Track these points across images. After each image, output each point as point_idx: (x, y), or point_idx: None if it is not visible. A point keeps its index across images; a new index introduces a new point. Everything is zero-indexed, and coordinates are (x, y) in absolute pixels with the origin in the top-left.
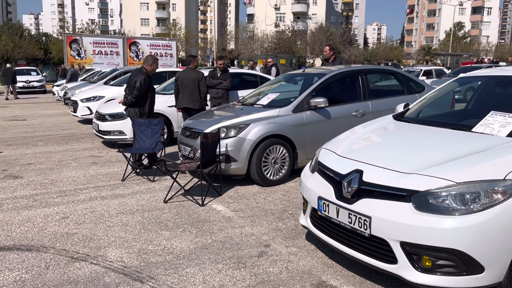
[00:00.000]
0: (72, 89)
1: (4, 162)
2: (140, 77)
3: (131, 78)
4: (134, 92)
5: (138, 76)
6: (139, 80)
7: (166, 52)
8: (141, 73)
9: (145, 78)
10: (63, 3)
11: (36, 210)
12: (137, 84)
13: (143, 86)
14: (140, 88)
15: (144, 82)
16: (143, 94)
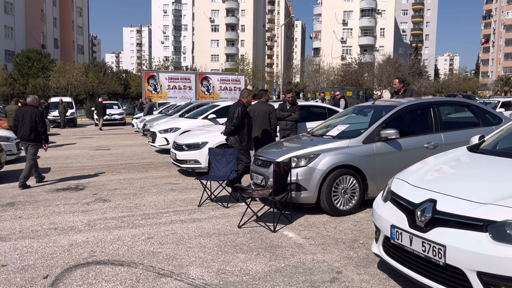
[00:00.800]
0: (150, 121)
1: (94, 187)
2: (238, 108)
3: (231, 110)
4: (232, 121)
5: (236, 107)
6: (237, 110)
7: (235, 86)
8: (239, 104)
9: (242, 108)
10: (141, 43)
11: (125, 230)
12: (235, 114)
13: (241, 116)
14: (238, 118)
15: (241, 112)
16: (241, 123)
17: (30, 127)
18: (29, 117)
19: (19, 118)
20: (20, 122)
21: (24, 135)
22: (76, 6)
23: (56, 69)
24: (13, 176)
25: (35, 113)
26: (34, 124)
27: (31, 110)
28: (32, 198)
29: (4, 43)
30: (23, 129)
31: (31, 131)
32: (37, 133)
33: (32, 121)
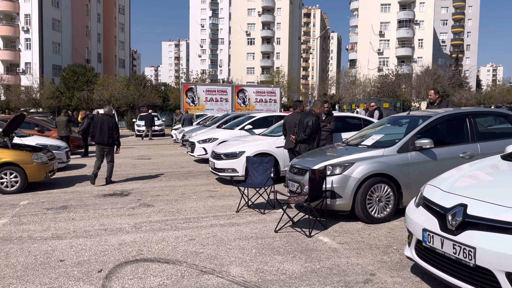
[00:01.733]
0: (189, 132)
1: (138, 193)
2: (312, 118)
3: (302, 119)
4: (306, 130)
5: (309, 117)
6: (311, 120)
7: (271, 98)
8: (312, 114)
9: (316, 119)
10: (179, 56)
11: (168, 232)
12: (309, 124)
13: (314, 125)
14: (312, 127)
15: (315, 122)
16: (314, 132)
17: (107, 133)
18: (106, 125)
19: (96, 126)
20: (97, 129)
21: (101, 140)
22: (119, 22)
23: (100, 83)
24: (63, 182)
25: (110, 121)
26: (110, 131)
27: (107, 119)
28: (82, 202)
29: (52, 58)
30: (101, 135)
31: (108, 137)
32: (112, 138)
33: (108, 128)
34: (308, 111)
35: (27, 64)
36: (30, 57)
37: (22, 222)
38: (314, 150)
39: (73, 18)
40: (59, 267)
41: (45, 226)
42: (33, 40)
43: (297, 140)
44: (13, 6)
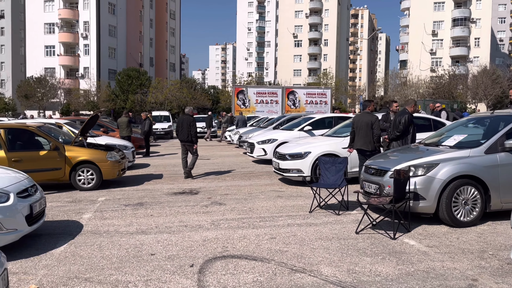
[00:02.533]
0: (245, 134)
1: (206, 192)
2: (405, 115)
3: (395, 118)
4: (399, 127)
5: (402, 115)
6: (403, 117)
7: (321, 100)
8: (405, 113)
9: (408, 116)
10: (225, 60)
11: (248, 230)
12: (402, 121)
13: (407, 122)
14: (404, 124)
15: (408, 120)
16: (406, 130)
17: (187, 131)
18: (187, 124)
19: (179, 125)
20: (180, 128)
21: (183, 137)
22: (170, 27)
23: (154, 85)
24: (133, 181)
25: (190, 120)
26: (189, 129)
27: (187, 118)
28: (156, 200)
29: (108, 62)
30: (182, 133)
31: (188, 134)
32: (191, 136)
33: (188, 126)
34: (402, 110)
35: (85, 68)
36: (88, 62)
37: (105, 217)
38: (388, 150)
39: (128, 24)
40: (152, 260)
41: (128, 221)
42: (91, 46)
43: (390, 138)
44: (73, 14)
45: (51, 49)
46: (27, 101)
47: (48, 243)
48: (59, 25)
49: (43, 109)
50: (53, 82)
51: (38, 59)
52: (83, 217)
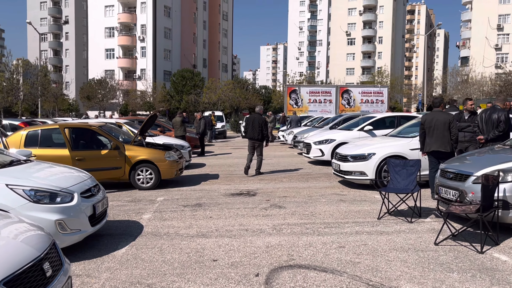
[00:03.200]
0: (300, 133)
1: (264, 193)
2: (502, 112)
3: (489, 116)
4: (500, 126)
5: (498, 112)
6: (502, 115)
7: (377, 99)
8: (500, 110)
9: (506, 113)
10: (276, 60)
11: (313, 237)
12: (501, 118)
13: (508, 120)
14: (505, 122)
15: (507, 116)
16: (510, 128)
17: (258, 130)
18: (257, 122)
19: (249, 123)
20: (249, 126)
21: (253, 136)
22: (222, 28)
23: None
24: (190, 181)
25: (261, 119)
26: (260, 128)
27: (258, 117)
28: (214, 201)
29: (163, 64)
30: (252, 132)
31: (258, 133)
32: (262, 134)
33: (259, 125)
34: (491, 107)
35: (142, 70)
36: (144, 64)
37: (165, 218)
38: (466, 153)
39: (182, 26)
40: (214, 267)
41: (187, 223)
42: (148, 48)
43: (487, 139)
44: (131, 18)
45: (110, 52)
46: (88, 102)
47: (110, 244)
48: (118, 29)
49: (103, 109)
50: (112, 83)
51: (99, 62)
52: (143, 217)
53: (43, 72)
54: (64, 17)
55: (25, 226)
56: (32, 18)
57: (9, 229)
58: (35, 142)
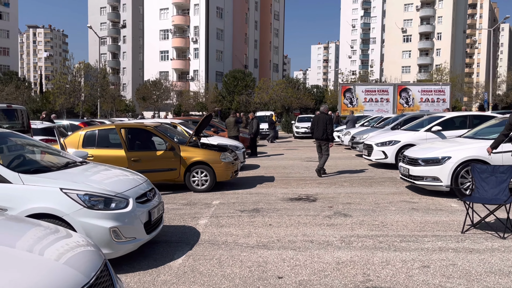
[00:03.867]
0: (359, 134)
1: (325, 199)
2: None
3: None
4: None
5: None
6: None
7: (438, 97)
8: None
9: None
10: (327, 59)
11: (389, 253)
12: None
13: None
14: None
15: None
16: None
17: (323, 129)
18: (322, 122)
19: (314, 123)
20: (315, 126)
21: (319, 135)
22: (274, 28)
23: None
24: (245, 183)
25: (326, 118)
26: (325, 127)
27: (323, 116)
28: (272, 206)
29: (215, 65)
30: (318, 131)
31: (323, 133)
32: (327, 134)
33: (324, 124)
34: None
35: (195, 71)
36: (197, 65)
37: (222, 224)
38: None
39: (234, 27)
40: (280, 285)
41: (246, 231)
42: (200, 49)
43: None
44: (185, 20)
45: (165, 54)
46: (144, 102)
47: (166, 253)
48: (172, 31)
49: (157, 110)
50: (167, 85)
51: (154, 63)
52: (199, 222)
53: (101, 74)
54: (122, 21)
55: (74, 241)
56: (93, 23)
57: (55, 248)
58: (93, 142)
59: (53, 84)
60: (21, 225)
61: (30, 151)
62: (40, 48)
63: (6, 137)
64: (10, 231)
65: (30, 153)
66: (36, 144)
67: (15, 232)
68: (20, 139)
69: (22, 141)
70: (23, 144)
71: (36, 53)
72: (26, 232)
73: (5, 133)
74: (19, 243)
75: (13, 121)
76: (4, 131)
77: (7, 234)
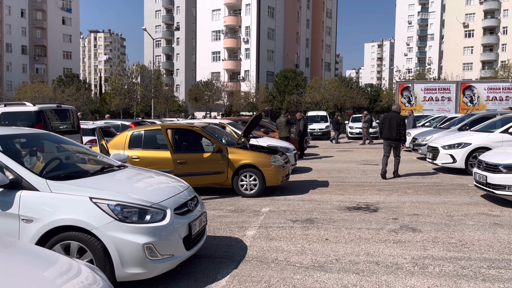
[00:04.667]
0: (421, 136)
1: (387, 208)
2: None
3: None
4: None
5: None
6: None
7: (507, 95)
8: None
9: None
10: (381, 57)
11: (477, 283)
12: None
13: None
14: None
15: None
16: None
17: (395, 129)
18: (394, 121)
19: (385, 122)
20: (386, 125)
21: (390, 135)
22: (326, 26)
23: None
24: (296, 188)
25: (398, 118)
26: (398, 127)
27: (395, 115)
28: (327, 216)
29: (266, 65)
30: (389, 131)
31: (396, 133)
32: (399, 134)
33: (396, 124)
34: None
35: (246, 71)
36: (248, 65)
37: (272, 237)
38: None
39: (285, 26)
40: None
41: (299, 246)
42: (251, 49)
43: None
44: (236, 20)
45: (217, 54)
46: (196, 103)
47: (208, 272)
48: (223, 32)
49: (209, 110)
50: (218, 85)
51: (206, 64)
52: (246, 233)
53: (155, 75)
54: (176, 24)
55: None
56: (148, 26)
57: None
58: (139, 143)
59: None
60: (21, 259)
61: (65, 154)
62: (100, 51)
63: (40, 138)
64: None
65: (64, 156)
66: (72, 147)
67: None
68: (55, 141)
69: (58, 143)
70: (58, 146)
71: (97, 57)
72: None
73: (40, 134)
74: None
75: (65, 121)
76: (39, 132)
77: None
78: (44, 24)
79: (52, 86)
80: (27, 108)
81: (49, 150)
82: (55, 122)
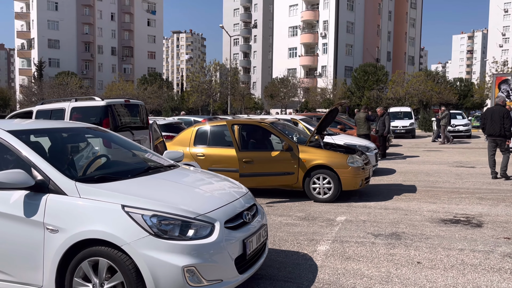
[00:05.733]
0: None
1: (494, 223)
2: None
3: None
4: None
5: None
6: None
7: None
8: None
9: None
10: (472, 49)
11: None
12: None
13: None
14: None
15: None
16: None
17: (498, 124)
18: (497, 115)
19: (487, 117)
20: (488, 120)
21: (494, 131)
22: (410, 17)
23: (394, 79)
24: (377, 193)
25: (502, 111)
26: (502, 122)
27: (498, 108)
28: (417, 230)
29: (344, 60)
30: (493, 127)
31: (500, 128)
32: (504, 129)
33: (500, 118)
34: None
35: (323, 67)
36: (325, 61)
37: (349, 256)
38: None
39: (366, 19)
40: None
41: (383, 270)
42: (329, 44)
43: None
44: (314, 15)
45: (293, 51)
46: (271, 100)
47: None
48: (301, 27)
49: (284, 107)
50: (294, 82)
51: (282, 61)
52: (317, 249)
53: (231, 72)
54: (253, 21)
55: None
56: (226, 25)
57: None
58: (205, 140)
59: (189, 83)
60: None
61: (108, 152)
62: (182, 51)
63: (81, 133)
64: None
65: (105, 154)
66: (118, 143)
67: None
68: (99, 137)
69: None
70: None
71: (179, 56)
72: None
73: (81, 129)
74: None
75: (135, 116)
76: (80, 126)
77: None
78: (132, 26)
79: (136, 85)
80: (96, 103)
81: (89, 147)
82: (123, 117)
